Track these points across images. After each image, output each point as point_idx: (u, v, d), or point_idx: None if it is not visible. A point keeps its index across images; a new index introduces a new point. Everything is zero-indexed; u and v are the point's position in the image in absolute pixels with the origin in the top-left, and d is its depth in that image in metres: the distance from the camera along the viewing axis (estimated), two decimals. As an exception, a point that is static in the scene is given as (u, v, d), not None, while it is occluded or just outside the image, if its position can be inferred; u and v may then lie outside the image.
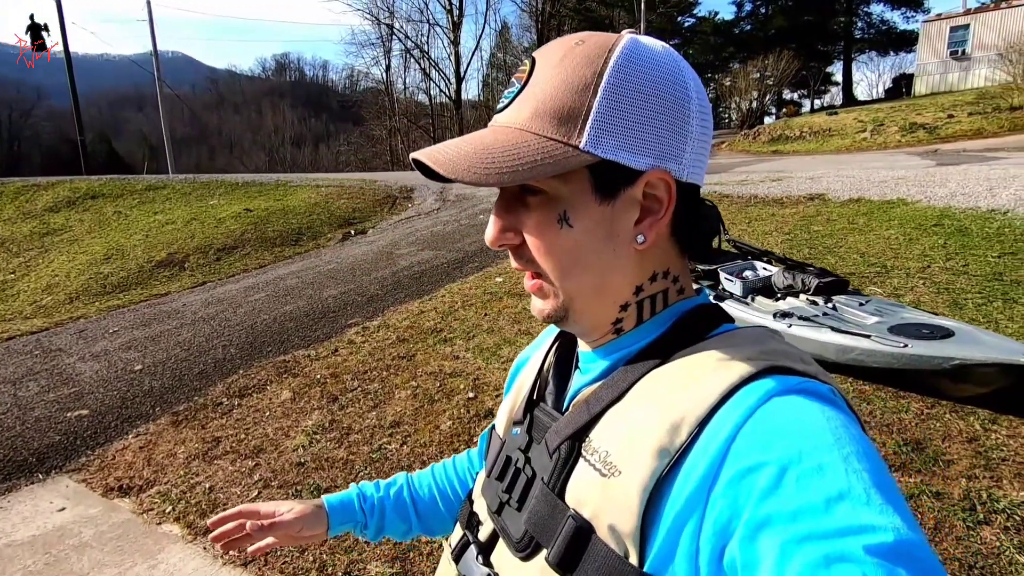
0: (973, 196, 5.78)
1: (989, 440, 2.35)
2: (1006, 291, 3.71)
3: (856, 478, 0.35)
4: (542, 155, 0.45)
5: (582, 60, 0.46)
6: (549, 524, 0.47)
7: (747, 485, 0.38)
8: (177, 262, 7.91)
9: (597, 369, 0.53)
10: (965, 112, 14.07)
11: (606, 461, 0.45)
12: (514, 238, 0.50)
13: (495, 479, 0.57)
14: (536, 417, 0.56)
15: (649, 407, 0.46)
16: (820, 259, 4.69)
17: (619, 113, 0.45)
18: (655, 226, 0.48)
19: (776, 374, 0.43)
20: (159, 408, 3.64)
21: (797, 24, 29.08)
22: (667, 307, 0.52)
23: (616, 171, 0.46)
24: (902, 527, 0.33)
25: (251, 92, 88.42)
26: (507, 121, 0.48)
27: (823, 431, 0.38)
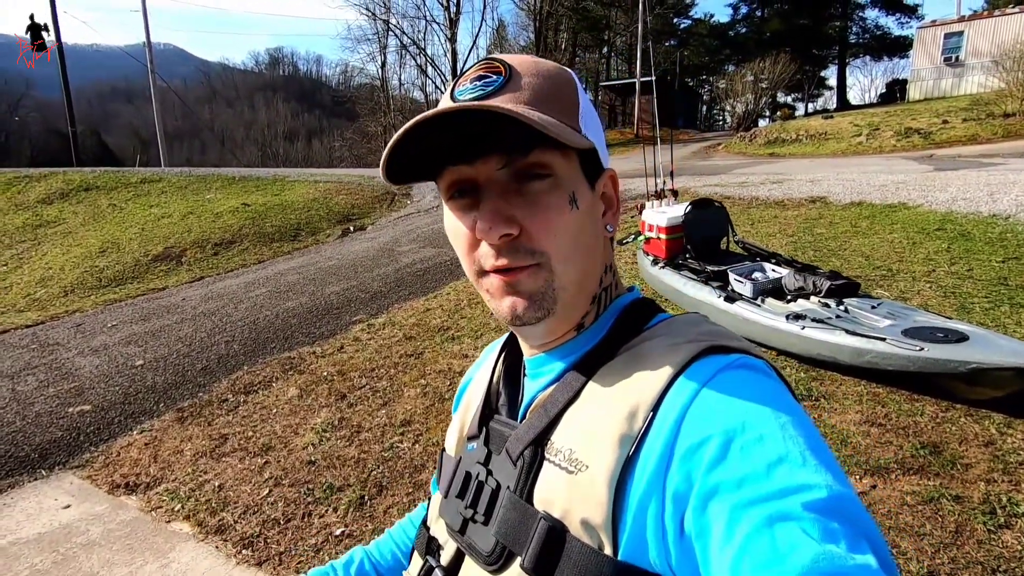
0: (974, 201, 5.83)
1: (1006, 444, 2.36)
2: (1012, 295, 3.74)
3: (792, 443, 0.39)
4: (563, 128, 0.46)
5: (554, 68, 0.51)
6: (520, 530, 0.47)
7: (697, 458, 0.40)
8: (174, 256, 7.81)
9: (551, 372, 0.54)
10: (959, 118, 14.20)
11: (571, 459, 0.46)
12: (515, 228, 0.49)
13: (455, 497, 0.56)
14: (492, 429, 0.56)
15: (605, 401, 0.47)
16: (825, 261, 4.71)
17: (588, 113, 0.52)
18: (615, 218, 0.54)
19: (715, 353, 0.46)
20: (163, 404, 3.59)
21: (792, 28, 29.23)
22: (612, 302, 0.56)
23: (595, 163, 0.52)
24: (834, 483, 0.37)
25: (244, 86, 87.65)
26: (506, 103, 0.46)
27: (762, 402, 0.42)
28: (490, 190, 0.49)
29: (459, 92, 0.49)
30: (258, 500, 2.59)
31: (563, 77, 0.51)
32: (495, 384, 0.61)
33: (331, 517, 2.43)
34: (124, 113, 75.59)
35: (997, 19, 18.94)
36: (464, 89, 0.49)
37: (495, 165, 0.47)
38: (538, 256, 0.49)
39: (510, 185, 0.48)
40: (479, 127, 0.45)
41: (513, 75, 0.49)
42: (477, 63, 0.51)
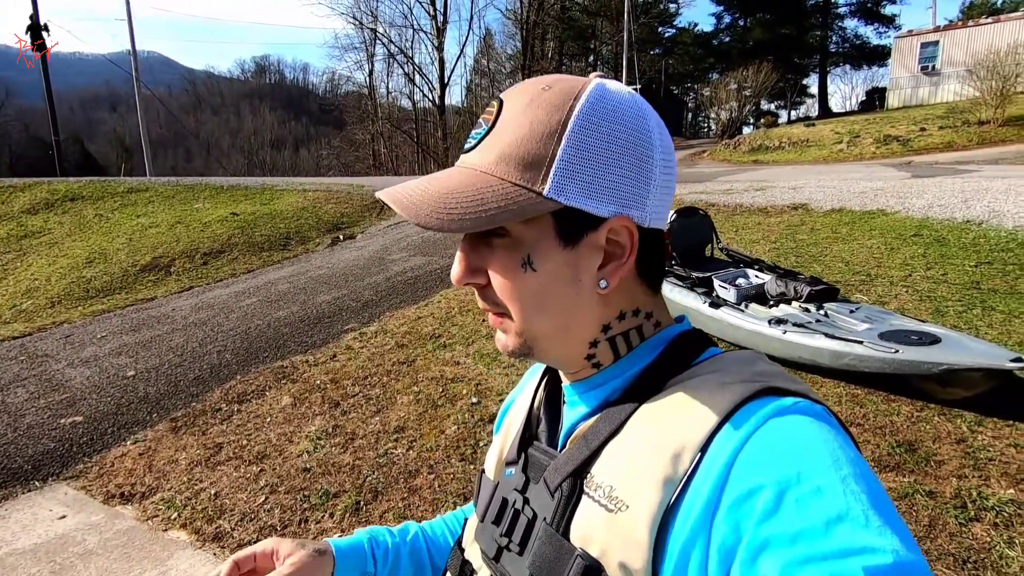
0: (949, 208, 6.02)
1: (976, 441, 2.47)
2: (984, 299, 3.88)
3: (854, 499, 0.36)
4: (506, 201, 0.45)
5: (548, 107, 0.46)
6: (556, 566, 0.46)
7: (747, 508, 0.38)
8: (163, 266, 7.79)
9: (588, 403, 0.53)
10: (936, 126, 14.58)
11: (611, 496, 0.45)
12: (481, 278, 0.50)
13: (491, 523, 0.55)
14: (531, 456, 0.55)
15: (649, 438, 0.45)
16: (807, 267, 4.84)
17: (583, 161, 0.45)
18: (618, 271, 0.49)
19: (770, 395, 0.43)
20: (156, 414, 3.61)
21: (775, 37, 29.81)
22: (644, 340, 0.52)
23: (579, 218, 0.47)
24: (901, 548, 0.34)
25: (230, 94, 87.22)
26: (473, 163, 0.48)
27: (820, 452, 0.39)
28: (466, 237, 0.50)
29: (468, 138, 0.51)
30: (254, 507, 2.63)
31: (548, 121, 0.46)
32: (536, 410, 0.60)
33: (327, 523, 2.48)
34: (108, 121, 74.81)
35: (971, 29, 19.50)
36: (469, 136, 0.51)
37: None
38: (502, 307, 0.50)
39: (482, 236, 0.49)
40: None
41: (496, 126, 0.48)
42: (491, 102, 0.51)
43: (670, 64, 36.92)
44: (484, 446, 2.91)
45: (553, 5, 30.83)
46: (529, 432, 0.58)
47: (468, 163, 0.49)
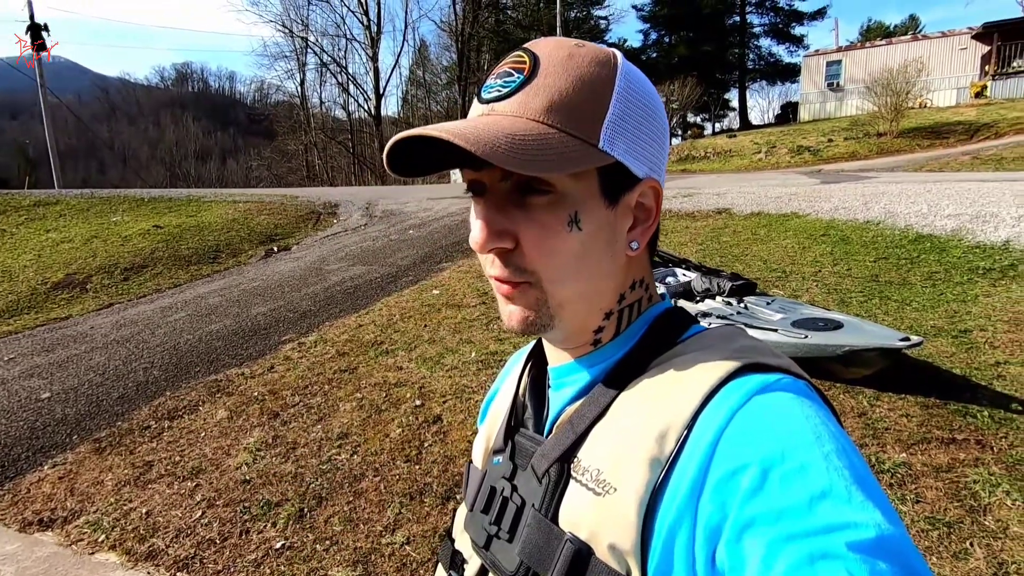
0: (852, 210, 6.60)
1: (875, 414, 2.75)
2: (882, 290, 4.31)
3: (837, 475, 0.36)
4: (566, 149, 0.43)
5: (593, 61, 0.45)
6: (545, 551, 0.46)
7: (732, 487, 0.38)
8: (78, 283, 7.28)
9: (575, 385, 0.52)
10: (842, 137, 15.89)
11: (599, 479, 0.44)
12: (508, 241, 0.46)
13: (480, 512, 0.54)
14: (518, 443, 0.54)
15: (634, 419, 0.45)
16: (730, 266, 5.18)
17: (628, 119, 0.45)
18: (647, 234, 0.49)
19: (753, 371, 0.43)
20: (77, 436, 3.39)
21: (698, 54, 31.48)
22: (640, 316, 0.52)
23: (622, 175, 0.46)
24: (883, 522, 0.34)
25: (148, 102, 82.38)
26: (514, 111, 0.44)
27: (803, 429, 0.39)
28: (489, 198, 0.46)
29: (486, 88, 0.47)
30: (191, 523, 2.54)
31: (597, 75, 0.45)
32: (521, 396, 0.59)
33: (270, 532, 2.43)
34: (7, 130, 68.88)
35: (868, 50, 21.42)
36: (489, 86, 0.47)
37: (498, 175, 0.45)
38: (528, 275, 0.47)
39: (511, 196, 0.46)
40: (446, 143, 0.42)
41: (534, 75, 0.45)
42: (512, 53, 0.48)
43: (602, 78, 38.07)
44: (429, 447, 2.94)
45: (487, 19, 31.28)
46: (515, 419, 0.57)
47: (507, 111, 0.45)
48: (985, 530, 2.03)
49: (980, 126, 14.65)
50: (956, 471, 2.33)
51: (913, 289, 4.26)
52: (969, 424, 2.61)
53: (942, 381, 2.99)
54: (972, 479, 2.27)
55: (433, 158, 0.47)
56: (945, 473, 2.33)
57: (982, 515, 2.10)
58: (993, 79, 17.75)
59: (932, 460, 2.41)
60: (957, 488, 2.24)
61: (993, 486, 2.22)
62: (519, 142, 0.41)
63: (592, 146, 0.44)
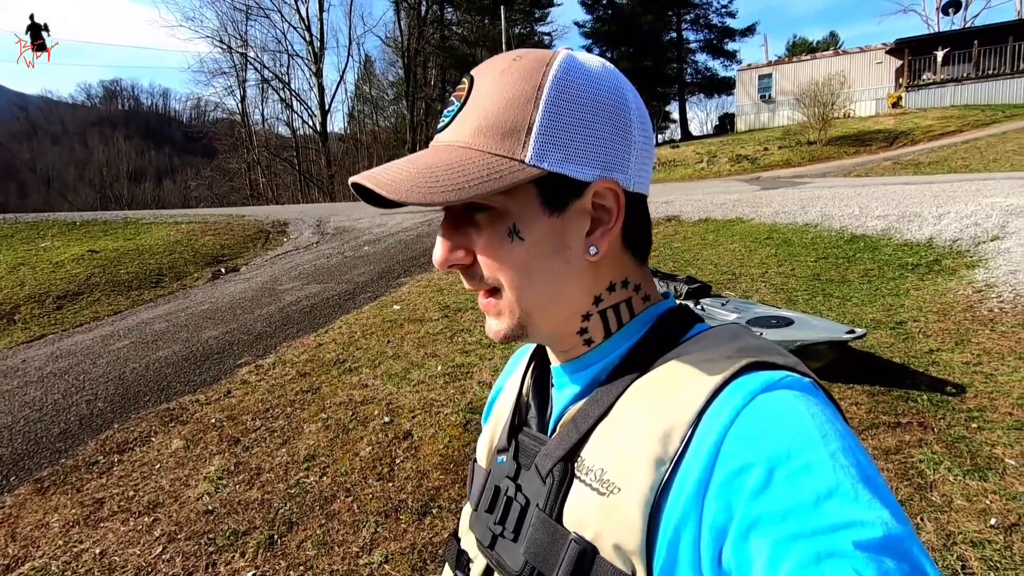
0: (791, 213, 6.98)
1: (827, 403, 2.92)
2: (823, 288, 4.57)
3: (844, 474, 0.36)
4: (487, 171, 0.44)
5: (521, 74, 0.46)
6: (550, 551, 0.46)
7: (738, 486, 0.38)
8: (4, 314, 6.78)
9: (578, 384, 0.52)
10: (776, 146, 16.79)
11: (603, 479, 0.44)
12: (465, 257, 0.48)
13: (484, 512, 0.55)
14: (521, 442, 0.54)
15: (638, 419, 0.45)
16: (683, 270, 5.37)
17: (562, 125, 0.45)
18: (606, 236, 0.48)
19: (758, 370, 0.43)
20: (15, 477, 3.16)
21: (638, 68, 32.63)
22: (634, 316, 0.52)
23: (563, 183, 0.46)
24: (890, 520, 0.34)
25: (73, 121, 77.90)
26: (449, 140, 0.47)
27: (809, 427, 0.38)
28: (448, 217, 0.49)
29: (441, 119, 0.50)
30: (151, 560, 2.40)
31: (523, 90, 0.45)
32: (524, 395, 0.59)
33: (239, 562, 2.33)
34: (-88, 153, 63.45)
35: (796, 64, 22.78)
36: (442, 116, 0.49)
37: None
38: (492, 282, 0.48)
39: (463, 214, 0.48)
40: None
41: (468, 101, 0.47)
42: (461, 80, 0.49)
43: (548, 92, 38.88)
44: (401, 463, 2.90)
45: (433, 34, 31.41)
46: (519, 418, 0.57)
47: (443, 141, 0.48)
48: (932, 505, 2.18)
49: (898, 134, 15.81)
50: (903, 452, 2.50)
51: (852, 286, 4.54)
52: (911, 408, 2.81)
53: (884, 370, 3.20)
54: (918, 459, 2.44)
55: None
56: (894, 455, 2.49)
57: (929, 491, 2.25)
58: (907, 91, 19.23)
59: (882, 444, 2.57)
60: (905, 468, 2.40)
61: (936, 464, 2.39)
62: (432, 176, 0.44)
63: (519, 162, 0.44)
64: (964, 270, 4.51)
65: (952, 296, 4.08)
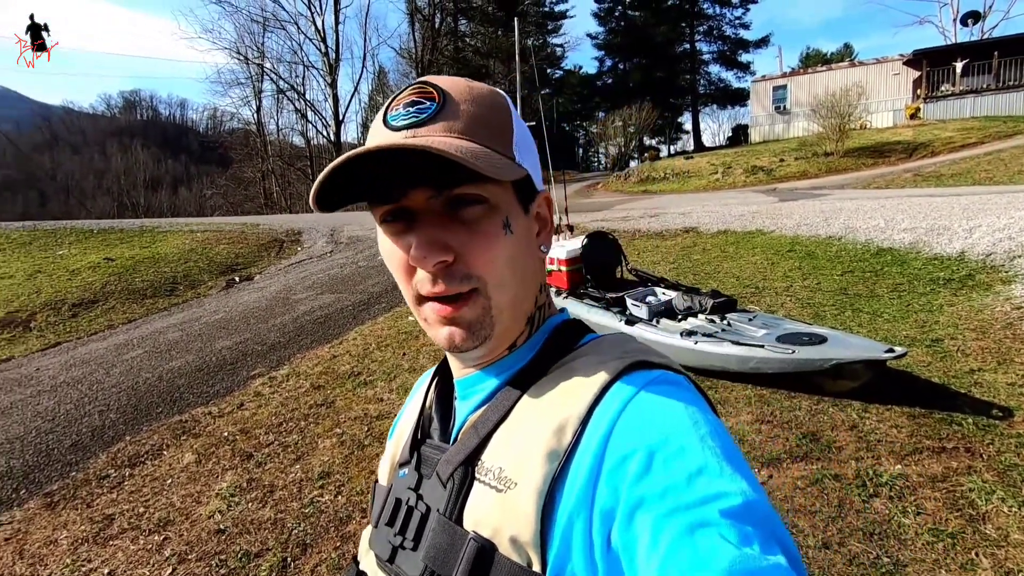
0: (813, 226, 6.83)
1: (865, 426, 2.78)
2: (852, 302, 4.42)
3: (711, 453, 0.41)
4: (499, 160, 0.47)
5: (488, 91, 0.51)
6: (450, 553, 0.46)
7: (623, 472, 0.41)
8: (20, 322, 6.80)
9: (482, 392, 0.54)
10: (792, 157, 16.60)
11: (501, 477, 0.46)
12: (450, 255, 0.48)
13: (384, 525, 0.54)
14: (423, 453, 0.55)
15: (535, 418, 0.47)
16: (704, 283, 5.24)
17: (522, 139, 0.52)
18: (548, 237, 0.56)
19: (640, 369, 0.48)
20: (25, 491, 3.09)
21: (651, 79, 32.65)
22: (544, 321, 0.56)
23: (528, 187, 0.53)
24: (748, 490, 0.39)
25: (93, 131, 79.34)
26: (440, 133, 0.47)
27: (682, 416, 0.43)
28: (425, 217, 0.48)
29: (392, 117, 0.48)
30: (160, 582, 2.31)
31: (497, 102, 0.51)
32: (427, 410, 0.60)
33: (251, 586, 2.24)
34: (-63, 162, 64.99)
35: (811, 75, 22.62)
36: (397, 115, 0.48)
37: (425, 195, 0.47)
38: (474, 281, 0.48)
39: (445, 210, 0.48)
40: (411, 158, 0.44)
41: (447, 101, 0.48)
42: (410, 85, 0.50)
43: (560, 103, 39.11)
44: (418, 482, 2.80)
45: (447, 46, 31.67)
46: (421, 432, 0.58)
47: (434, 133, 0.47)
48: (987, 539, 2.03)
49: (917, 145, 15.57)
50: (951, 480, 2.35)
51: (882, 301, 4.39)
52: (956, 432, 2.66)
53: (923, 390, 3.06)
54: (967, 488, 2.29)
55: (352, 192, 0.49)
56: (941, 483, 2.35)
57: (982, 523, 2.11)
58: (925, 102, 18.98)
59: (926, 470, 2.43)
60: (954, 497, 2.26)
61: (988, 493, 2.24)
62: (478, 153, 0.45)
63: (511, 160, 0.49)
64: (1000, 285, 4.34)
65: (990, 313, 3.92)
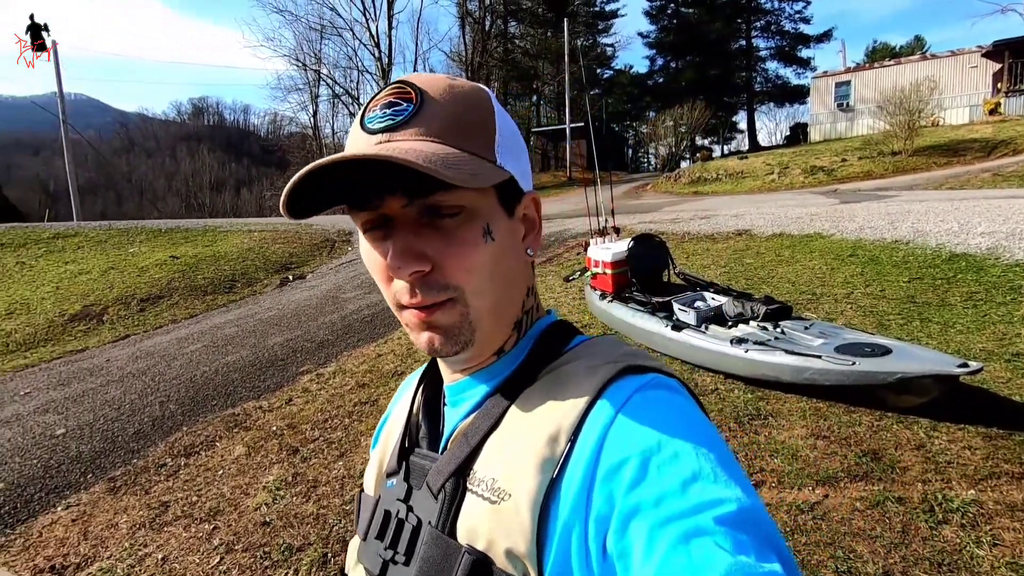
0: (878, 229, 6.45)
1: (934, 446, 2.57)
2: (920, 311, 4.13)
3: (705, 460, 0.40)
4: (478, 166, 0.45)
5: (471, 88, 0.49)
6: (443, 567, 0.45)
7: (617, 479, 0.40)
8: (95, 315, 7.27)
9: (472, 399, 0.52)
10: (856, 156, 15.77)
11: (494, 488, 0.45)
12: (426, 264, 0.46)
13: (374, 539, 0.53)
14: (412, 463, 0.54)
15: (526, 427, 0.46)
16: (757, 288, 5.03)
17: (507, 138, 0.49)
18: (536, 240, 0.53)
19: (631, 374, 0.47)
20: (92, 475, 3.29)
21: (704, 77, 31.78)
22: (532, 325, 0.54)
23: (513, 189, 0.50)
24: (742, 496, 0.38)
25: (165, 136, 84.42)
26: (416, 136, 0.45)
27: (675, 421, 0.43)
28: (401, 225, 0.46)
29: (369, 119, 0.46)
30: (208, 570, 2.40)
31: (479, 101, 0.48)
32: (415, 416, 0.58)
33: (292, 580, 2.29)
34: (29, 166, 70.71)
35: (877, 70, 21.45)
36: (374, 116, 0.46)
37: (400, 203, 0.45)
38: (452, 291, 0.47)
39: (422, 219, 0.46)
40: (383, 165, 0.42)
41: (425, 102, 0.46)
42: (389, 85, 0.48)
43: (609, 103, 38.65)
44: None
45: (496, 48, 31.87)
46: (409, 440, 0.56)
47: (410, 137, 0.45)
48: (1076, 578, 1.84)
49: (997, 143, 14.48)
50: (1033, 510, 2.14)
51: (954, 310, 4.08)
52: (1039, 457, 2.42)
53: (1001, 409, 2.81)
54: (1053, 519, 2.08)
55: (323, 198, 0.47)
56: (1021, 512, 2.14)
57: (1070, 560, 1.91)
58: (1007, 96, 17.63)
59: (1005, 497, 2.22)
60: (1038, 529, 2.05)
61: (1077, 527, 2.03)
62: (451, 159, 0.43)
63: (492, 163, 0.47)
64: (1092, 296, 3.95)
65: (1080, 326, 3.57)
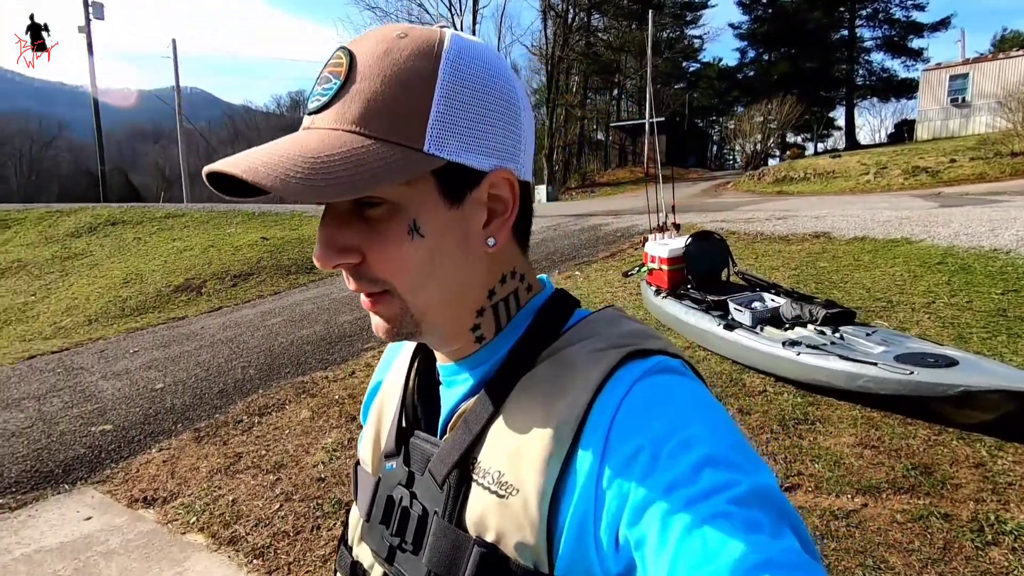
0: (976, 236, 5.92)
1: (996, 465, 2.41)
2: (1010, 326, 3.80)
3: (714, 443, 0.39)
4: (385, 160, 0.40)
5: (412, 53, 0.42)
6: (455, 558, 0.45)
7: (629, 469, 0.40)
8: (195, 287, 8.08)
9: (467, 382, 0.51)
10: (967, 157, 14.35)
11: (501, 482, 0.44)
12: (353, 256, 0.44)
13: (378, 523, 0.52)
14: (412, 446, 0.52)
15: (530, 417, 0.45)
16: (826, 293, 4.79)
17: (458, 112, 0.42)
18: (504, 227, 0.47)
19: (635, 358, 0.45)
20: (181, 424, 3.73)
21: (799, 70, 29.95)
22: (520, 308, 0.51)
23: (461, 173, 0.44)
24: (755, 475, 0.38)
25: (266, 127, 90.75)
26: (330, 122, 0.42)
27: (684, 405, 0.42)
28: (330, 214, 0.44)
29: (310, 97, 0.44)
30: (269, 514, 2.69)
31: (417, 71, 0.42)
32: (410, 394, 0.56)
33: (339, 530, 2.52)
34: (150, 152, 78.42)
35: (1002, 62, 19.32)
36: (313, 94, 0.44)
37: None
38: (383, 284, 0.45)
39: (352, 209, 0.44)
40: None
41: (349, 79, 0.42)
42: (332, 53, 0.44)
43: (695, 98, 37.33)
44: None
45: (578, 41, 31.64)
46: (406, 420, 0.55)
47: (324, 123, 0.42)
48: None
49: None
50: (1101, 541, 1.98)
51: (1051, 327, 3.72)
52: (1120, 487, 2.22)
53: (1085, 434, 2.57)
54: (1122, 553, 1.91)
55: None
56: (1086, 542, 1.98)
57: None
58: None
59: (1071, 526, 2.06)
60: (1101, 561, 1.90)
61: None
62: (323, 164, 0.39)
63: (417, 151, 0.41)
64: None
65: None
